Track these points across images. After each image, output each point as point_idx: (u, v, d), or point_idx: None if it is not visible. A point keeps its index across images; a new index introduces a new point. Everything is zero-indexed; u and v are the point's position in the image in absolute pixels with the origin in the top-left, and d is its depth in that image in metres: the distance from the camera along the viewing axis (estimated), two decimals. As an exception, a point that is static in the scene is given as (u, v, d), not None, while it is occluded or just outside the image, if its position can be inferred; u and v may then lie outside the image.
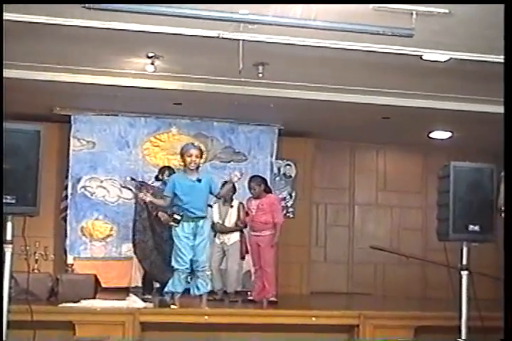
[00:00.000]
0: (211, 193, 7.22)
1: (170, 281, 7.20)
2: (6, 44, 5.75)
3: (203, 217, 7.14)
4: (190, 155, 7.05)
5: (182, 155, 7.15)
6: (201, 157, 7.24)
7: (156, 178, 8.94)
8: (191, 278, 7.16)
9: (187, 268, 7.06)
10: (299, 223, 11.34)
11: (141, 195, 8.05)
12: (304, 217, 11.56)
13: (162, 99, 9.57)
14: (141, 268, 8.90)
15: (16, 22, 6.26)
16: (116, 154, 10.62)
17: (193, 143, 7.64)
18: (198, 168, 7.14)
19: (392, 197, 12.39)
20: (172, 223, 7.11)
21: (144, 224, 8.59)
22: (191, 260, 7.06)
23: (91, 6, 5.57)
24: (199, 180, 7.06)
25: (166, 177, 8.70)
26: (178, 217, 7.05)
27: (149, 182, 9.45)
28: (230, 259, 8.52)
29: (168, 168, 9.03)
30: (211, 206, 8.36)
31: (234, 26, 6.24)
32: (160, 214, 8.45)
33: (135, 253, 8.73)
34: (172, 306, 6.99)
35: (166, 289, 7.38)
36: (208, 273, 7.27)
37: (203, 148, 8.20)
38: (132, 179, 9.24)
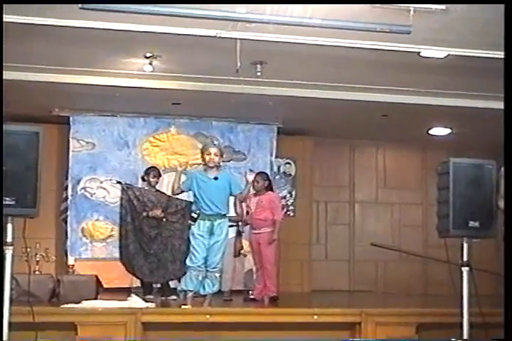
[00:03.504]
0: (231, 194, 7.17)
1: (182, 279, 7.19)
2: (4, 46, 5.75)
3: (220, 216, 7.07)
4: (210, 154, 7.04)
5: (202, 153, 7.14)
6: (221, 156, 7.18)
7: (142, 179, 8.90)
8: (203, 277, 7.08)
9: (199, 266, 6.98)
10: (300, 221, 11.36)
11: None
12: (304, 215, 11.57)
13: (161, 99, 9.57)
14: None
15: (13, 23, 6.25)
16: (115, 155, 10.63)
17: (213, 142, 7.59)
18: (218, 167, 7.12)
19: (392, 194, 12.40)
20: (189, 221, 7.09)
21: (127, 228, 8.53)
22: (205, 259, 7.01)
23: (87, 6, 5.56)
24: (216, 178, 7.03)
25: (151, 179, 8.70)
26: (195, 215, 7.01)
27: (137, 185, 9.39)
28: (225, 256, 8.45)
29: (153, 169, 8.97)
30: None
31: (231, 25, 6.24)
32: (151, 213, 8.45)
33: (120, 257, 8.70)
34: (183, 306, 6.95)
35: (178, 287, 7.36)
36: (218, 274, 7.19)
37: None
38: (118, 182, 9.18)
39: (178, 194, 7.48)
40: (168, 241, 8.49)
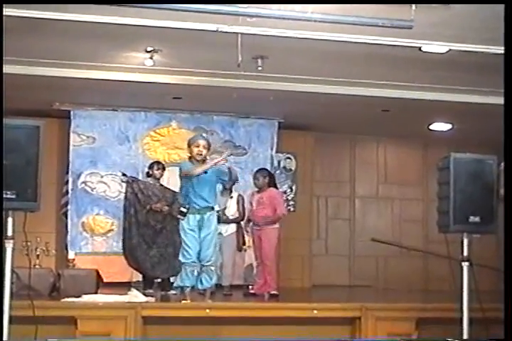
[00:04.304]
0: (222, 183, 7.10)
1: (179, 275, 7.16)
2: (5, 40, 5.74)
3: (209, 209, 7.00)
4: (198, 146, 6.94)
5: (189, 145, 7.05)
6: (208, 149, 7.07)
7: (147, 174, 8.86)
8: (199, 273, 7.03)
9: (194, 262, 6.91)
10: (300, 216, 11.36)
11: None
12: (304, 210, 11.57)
13: (161, 93, 9.57)
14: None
15: (14, 17, 6.25)
16: (116, 149, 10.63)
17: (201, 134, 7.53)
18: (204, 161, 6.99)
19: (392, 190, 12.40)
20: (179, 216, 7.05)
21: (130, 221, 8.49)
22: (198, 253, 6.96)
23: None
24: (205, 172, 6.94)
25: (155, 171, 8.65)
26: (185, 210, 6.92)
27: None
28: (225, 251, 8.48)
29: (157, 163, 8.91)
30: None
31: (233, 19, 6.23)
32: (154, 206, 8.43)
33: (123, 250, 8.68)
34: (183, 301, 6.93)
35: (175, 283, 7.35)
36: (213, 268, 7.16)
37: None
38: (123, 174, 9.14)
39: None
40: (172, 236, 8.48)
